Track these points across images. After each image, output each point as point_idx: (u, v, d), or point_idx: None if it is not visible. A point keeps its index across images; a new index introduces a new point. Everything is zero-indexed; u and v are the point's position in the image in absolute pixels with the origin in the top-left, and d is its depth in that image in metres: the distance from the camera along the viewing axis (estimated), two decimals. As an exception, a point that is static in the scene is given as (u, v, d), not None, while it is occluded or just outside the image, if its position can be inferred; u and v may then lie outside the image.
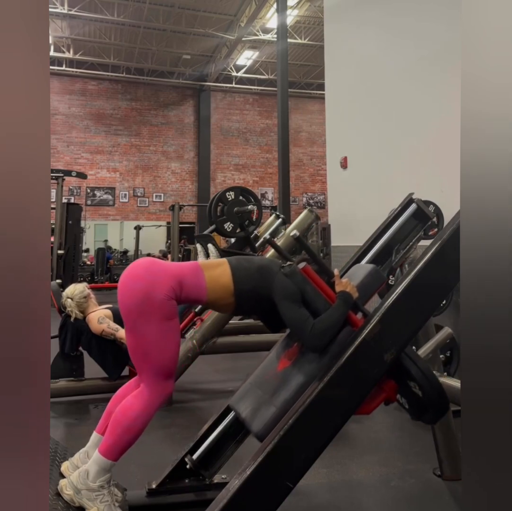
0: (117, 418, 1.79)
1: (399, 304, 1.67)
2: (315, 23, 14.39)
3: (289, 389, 1.75)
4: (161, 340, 1.74)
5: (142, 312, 1.71)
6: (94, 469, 1.77)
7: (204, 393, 3.98)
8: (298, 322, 1.73)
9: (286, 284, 1.78)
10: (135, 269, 1.80)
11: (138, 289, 1.73)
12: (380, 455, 2.66)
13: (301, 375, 1.77)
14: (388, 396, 1.71)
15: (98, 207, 16.86)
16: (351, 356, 1.62)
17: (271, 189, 18.23)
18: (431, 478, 2.37)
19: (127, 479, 2.27)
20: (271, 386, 1.84)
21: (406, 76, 4.73)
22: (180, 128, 17.92)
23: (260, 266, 1.87)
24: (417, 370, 1.65)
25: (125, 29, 14.75)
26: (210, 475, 2.13)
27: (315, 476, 2.35)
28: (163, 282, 1.74)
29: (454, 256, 1.58)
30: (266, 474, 1.52)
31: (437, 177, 3.92)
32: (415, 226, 2.42)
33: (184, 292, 1.78)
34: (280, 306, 1.78)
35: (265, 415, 1.75)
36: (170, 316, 1.75)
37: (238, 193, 4.13)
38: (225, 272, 1.84)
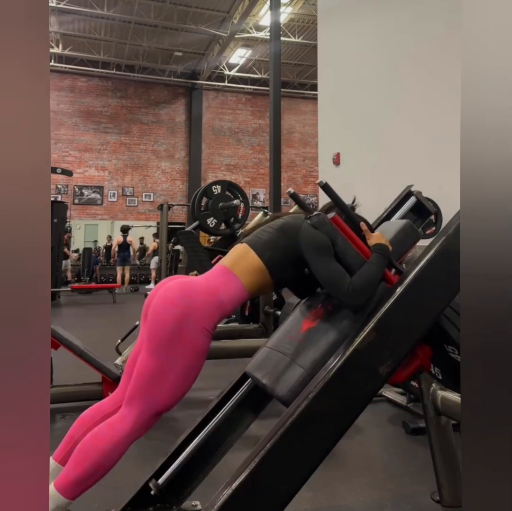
0: (84, 450, 1.50)
1: (398, 309, 1.43)
2: (310, 22, 14.21)
3: (317, 349, 1.54)
4: (184, 376, 1.51)
5: (175, 342, 1.49)
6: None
7: (182, 402, 3.69)
8: (334, 277, 1.51)
9: (314, 234, 1.56)
10: (167, 291, 1.55)
11: (173, 315, 1.49)
12: (372, 476, 2.41)
13: (332, 333, 1.56)
14: (423, 362, 1.54)
15: (86, 206, 16.56)
16: (341, 369, 1.37)
17: (263, 190, 18.02)
18: (428, 504, 2.12)
19: (85, 504, 2.00)
20: (295, 347, 1.62)
21: (401, 72, 4.61)
22: (171, 127, 17.67)
23: (281, 225, 1.66)
24: (458, 333, 1.47)
25: (115, 25, 14.48)
26: (179, 502, 1.86)
27: (299, 502, 2.09)
28: (201, 308, 1.51)
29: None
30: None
31: (435, 172, 3.72)
32: (414, 222, 2.17)
33: (225, 308, 1.57)
34: (311, 260, 1.56)
35: (290, 377, 1.53)
36: (202, 353, 1.53)
37: (225, 187, 3.91)
38: (253, 258, 1.62)
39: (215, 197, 3.80)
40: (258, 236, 1.68)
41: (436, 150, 3.94)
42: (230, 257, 1.68)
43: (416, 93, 4.36)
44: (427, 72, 4.24)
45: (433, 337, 1.50)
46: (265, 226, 1.71)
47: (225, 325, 4.46)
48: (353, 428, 1.64)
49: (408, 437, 2.86)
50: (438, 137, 3.95)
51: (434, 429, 2.13)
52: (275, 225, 1.68)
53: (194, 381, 1.58)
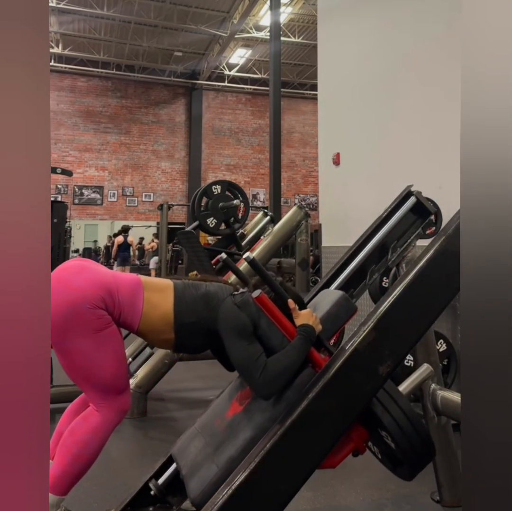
0: (65, 444, 1.53)
1: (397, 308, 1.42)
2: (310, 22, 14.20)
3: (235, 445, 1.46)
4: (96, 355, 1.47)
5: (68, 326, 1.43)
6: None
7: (182, 402, 3.70)
8: (245, 362, 1.41)
9: (234, 314, 1.47)
10: (61, 272, 1.49)
11: (61, 298, 1.43)
12: (372, 476, 2.40)
13: (250, 428, 1.47)
14: (357, 446, 1.43)
15: (86, 206, 16.55)
16: (341, 369, 1.37)
17: (263, 190, 18.01)
18: (428, 504, 2.12)
19: (85, 504, 2.00)
20: (217, 437, 1.54)
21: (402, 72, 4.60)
22: (171, 127, 17.65)
23: (206, 293, 1.56)
24: (390, 419, 1.37)
25: (115, 25, 14.46)
26: (179, 502, 1.86)
27: (299, 501, 2.09)
28: (91, 289, 1.45)
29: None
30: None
31: (435, 172, 3.71)
32: (414, 222, 2.17)
33: (117, 308, 1.49)
34: (226, 339, 1.46)
35: (205, 476, 1.46)
36: (101, 326, 1.46)
37: (225, 187, 3.90)
38: (168, 299, 1.53)
39: (215, 197, 3.80)
40: (185, 288, 1.58)
41: (436, 150, 3.93)
42: (151, 280, 1.59)
43: (417, 93, 4.35)
44: (428, 72, 4.23)
45: (367, 420, 1.42)
46: (195, 283, 1.61)
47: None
48: (353, 428, 1.64)
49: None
50: (438, 137, 3.95)
51: (434, 429, 2.13)
52: (200, 291, 1.57)
53: (120, 350, 1.53)
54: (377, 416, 1.39)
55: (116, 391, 1.51)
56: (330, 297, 1.72)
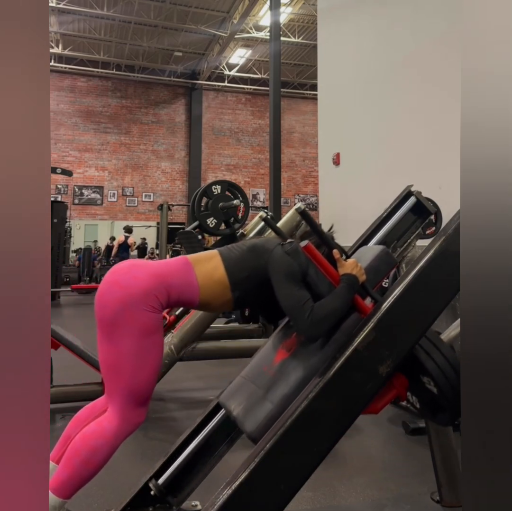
0: (75, 447, 1.51)
1: (397, 309, 1.42)
2: (310, 22, 14.21)
3: (287, 384, 1.52)
4: (139, 358, 1.47)
5: (119, 324, 1.44)
6: None
7: (182, 402, 3.70)
8: (294, 304, 1.49)
9: (285, 260, 1.54)
10: (113, 274, 1.52)
11: (115, 297, 1.46)
12: (372, 475, 2.40)
13: (302, 368, 1.54)
14: (399, 393, 1.48)
15: (86, 206, 16.55)
16: (341, 369, 1.37)
17: (263, 190, 18.02)
18: (428, 504, 2.12)
19: (85, 504, 2.00)
20: (267, 380, 1.60)
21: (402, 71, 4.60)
22: (171, 127, 17.66)
23: (253, 245, 1.63)
24: (433, 365, 1.41)
25: (115, 25, 14.47)
26: (178, 503, 1.86)
27: (298, 501, 2.09)
28: (144, 287, 1.47)
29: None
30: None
31: (435, 172, 3.71)
32: (414, 222, 2.17)
33: (172, 295, 1.51)
34: (277, 285, 1.53)
35: (260, 413, 1.51)
36: (152, 331, 1.47)
37: (225, 187, 3.90)
38: (218, 265, 1.58)
39: (215, 197, 3.80)
40: (231, 249, 1.65)
41: (436, 150, 3.93)
42: (197, 255, 1.64)
43: (417, 93, 4.36)
44: (428, 72, 4.23)
45: (409, 367, 1.46)
46: (238, 243, 1.69)
47: (225, 325, 4.45)
48: (353, 428, 1.64)
49: (408, 437, 2.86)
50: (438, 137, 3.95)
51: (434, 429, 2.13)
52: (247, 244, 1.65)
53: (159, 361, 1.54)
54: (420, 362, 1.43)
55: (140, 400, 1.51)
56: (371, 252, 1.82)
